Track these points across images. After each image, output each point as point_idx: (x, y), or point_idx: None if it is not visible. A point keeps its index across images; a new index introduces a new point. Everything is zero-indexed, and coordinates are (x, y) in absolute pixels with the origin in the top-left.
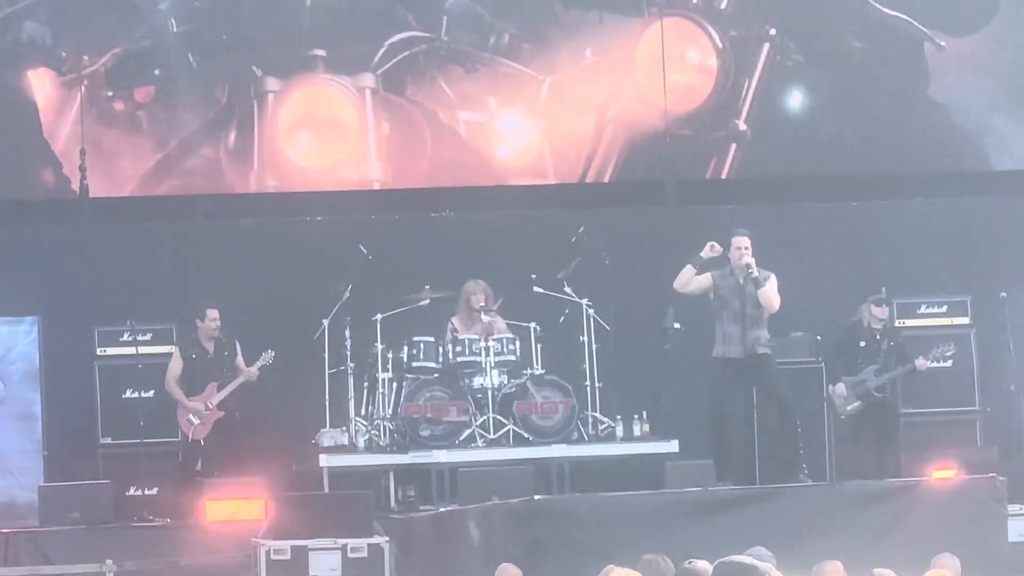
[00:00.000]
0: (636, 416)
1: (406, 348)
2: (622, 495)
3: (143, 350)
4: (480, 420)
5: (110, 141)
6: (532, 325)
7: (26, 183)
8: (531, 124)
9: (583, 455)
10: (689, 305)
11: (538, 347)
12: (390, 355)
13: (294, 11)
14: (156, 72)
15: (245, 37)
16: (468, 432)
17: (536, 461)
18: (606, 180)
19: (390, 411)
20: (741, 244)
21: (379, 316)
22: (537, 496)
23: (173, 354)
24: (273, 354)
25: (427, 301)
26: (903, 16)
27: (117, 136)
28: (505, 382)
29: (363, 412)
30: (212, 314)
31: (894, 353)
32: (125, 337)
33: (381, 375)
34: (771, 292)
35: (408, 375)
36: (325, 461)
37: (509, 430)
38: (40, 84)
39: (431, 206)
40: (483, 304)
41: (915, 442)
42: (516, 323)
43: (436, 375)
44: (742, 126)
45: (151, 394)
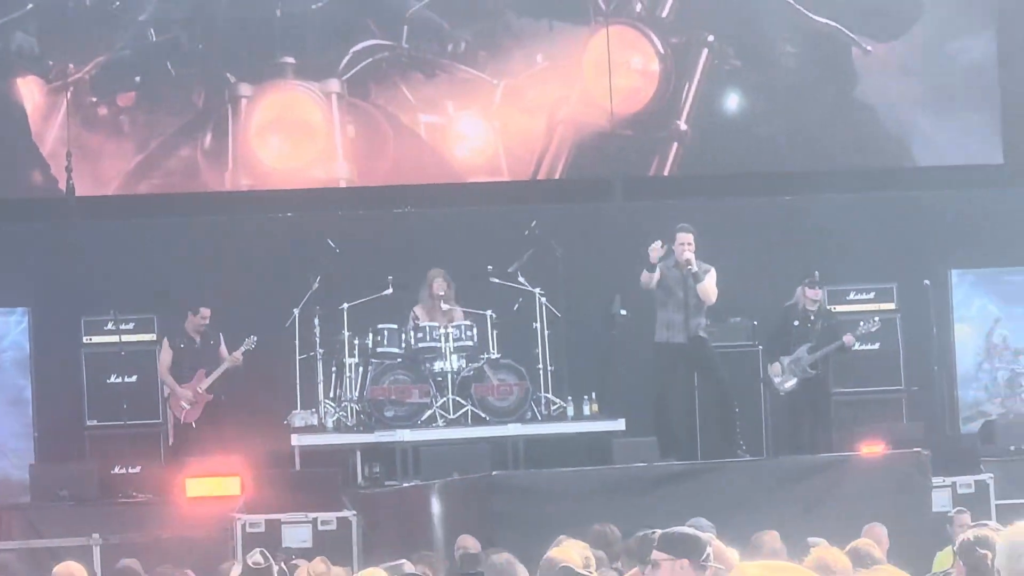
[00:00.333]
0: (585, 397)
1: (371, 335)
2: (573, 470)
3: (126, 338)
4: (440, 402)
5: (94, 144)
6: (488, 313)
7: (16, 183)
8: (486, 125)
9: (536, 433)
10: (634, 293)
11: (494, 333)
12: (356, 342)
13: (265, 21)
14: (137, 79)
15: (219, 46)
16: (429, 413)
17: (493, 439)
18: (556, 177)
19: (357, 394)
20: (684, 240)
21: (346, 305)
22: (494, 472)
23: (162, 345)
24: (255, 339)
25: (391, 291)
26: (832, 23)
27: (101, 139)
28: (463, 366)
29: (332, 395)
30: (205, 312)
31: (826, 333)
32: (109, 326)
33: (348, 360)
34: (709, 286)
35: (373, 360)
36: (296, 440)
37: (468, 411)
38: (29, 91)
39: (394, 202)
40: (443, 293)
41: (846, 419)
42: (473, 311)
43: (399, 360)
44: (683, 126)
45: (134, 379)
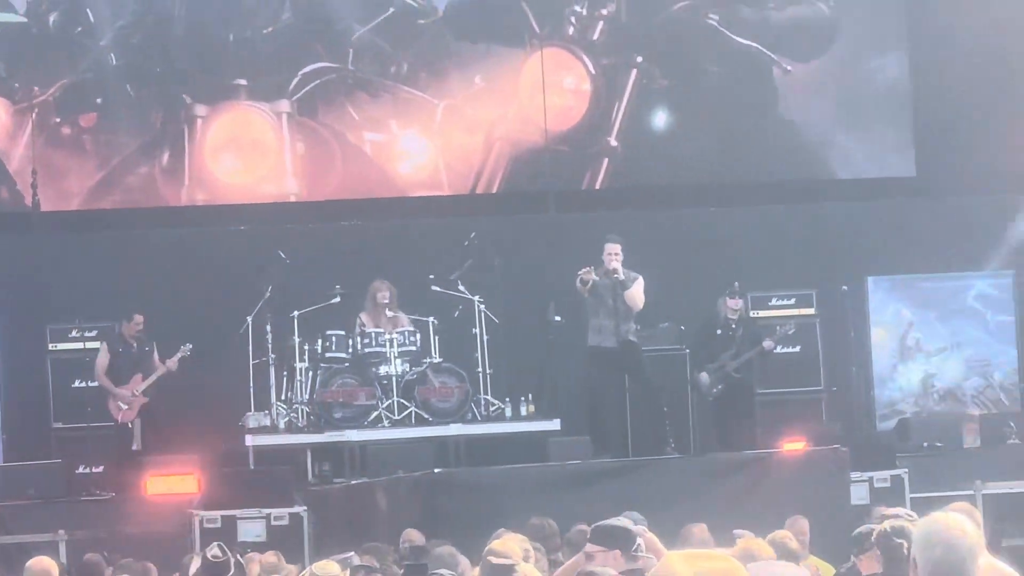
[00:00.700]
0: (523, 398)
1: (320, 341)
2: (511, 468)
3: (89, 345)
4: (386, 403)
5: (58, 161)
6: (431, 319)
7: None
8: (428, 143)
9: (476, 433)
10: (568, 300)
11: (436, 339)
12: (306, 347)
13: (219, 46)
14: (98, 100)
15: (176, 69)
16: (375, 414)
17: (435, 439)
18: (494, 191)
19: (307, 396)
20: (612, 250)
21: (296, 313)
22: (436, 469)
23: (101, 349)
24: (191, 347)
25: (338, 299)
26: (754, 44)
27: (64, 157)
28: (407, 370)
29: (283, 397)
30: (138, 318)
31: (747, 339)
32: (73, 334)
33: (299, 365)
34: (636, 293)
35: (322, 365)
36: (250, 440)
37: (411, 412)
38: None
39: (341, 216)
40: (387, 301)
41: (769, 419)
42: (416, 318)
43: (347, 364)
44: (613, 142)
45: (96, 384)
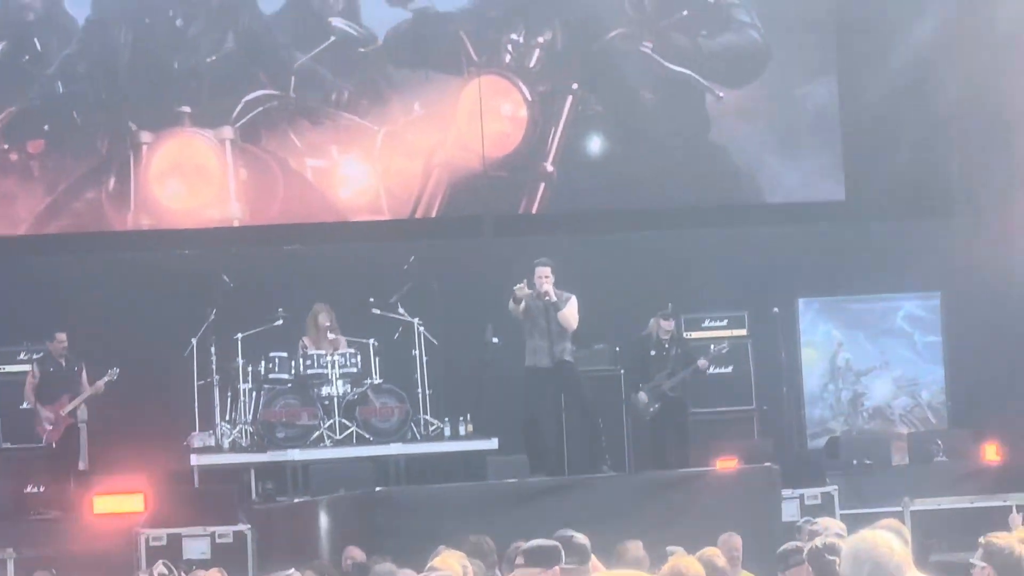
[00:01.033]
0: (461, 418)
1: (263, 362)
2: (450, 486)
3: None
4: (328, 423)
5: (7, 187)
6: (371, 341)
7: None
8: (368, 168)
9: (416, 452)
10: (505, 322)
11: (376, 360)
12: (250, 369)
13: (164, 73)
14: (46, 127)
15: (122, 96)
16: (317, 434)
17: (376, 458)
18: (433, 216)
19: (250, 416)
20: (542, 274)
21: (240, 335)
22: (377, 488)
23: (31, 367)
24: (118, 371)
25: (281, 322)
26: (687, 71)
27: (13, 183)
28: (349, 390)
29: (227, 418)
30: (60, 336)
31: (681, 359)
32: (21, 356)
33: (242, 386)
34: (569, 313)
35: (266, 385)
36: (195, 460)
37: (353, 432)
38: None
39: (283, 240)
40: (328, 324)
41: (702, 437)
42: (357, 340)
43: (289, 385)
44: (549, 168)
45: None
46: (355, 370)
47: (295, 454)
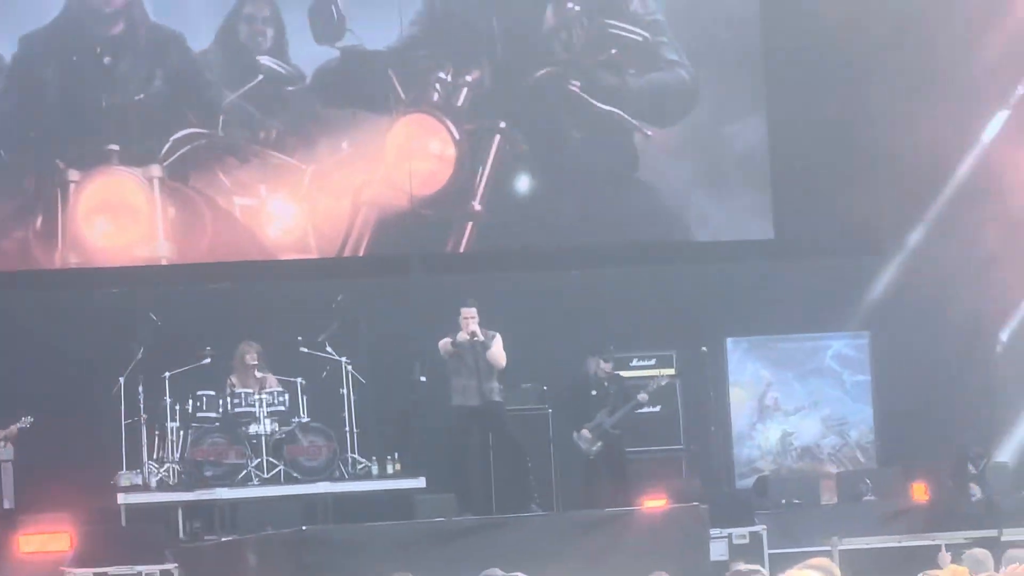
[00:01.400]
0: (389, 456)
1: (191, 401)
2: (377, 525)
3: None
4: (256, 462)
5: None
6: (299, 380)
7: None
8: (296, 207)
9: (344, 491)
10: (433, 361)
11: (304, 399)
12: (177, 407)
13: (91, 111)
14: None
15: (49, 134)
16: (245, 472)
17: (304, 497)
18: (360, 254)
19: (178, 455)
20: (468, 314)
21: (168, 374)
22: (305, 527)
23: None
24: (31, 419)
25: (209, 360)
26: (616, 110)
27: None
28: (276, 429)
29: (155, 456)
30: None
31: (620, 395)
32: None
33: (170, 424)
34: (496, 352)
35: (193, 424)
36: (123, 499)
37: (280, 470)
38: None
39: (211, 278)
40: (256, 362)
41: (631, 476)
42: (285, 378)
43: (217, 424)
44: (477, 206)
45: None
46: (283, 408)
47: (223, 493)
